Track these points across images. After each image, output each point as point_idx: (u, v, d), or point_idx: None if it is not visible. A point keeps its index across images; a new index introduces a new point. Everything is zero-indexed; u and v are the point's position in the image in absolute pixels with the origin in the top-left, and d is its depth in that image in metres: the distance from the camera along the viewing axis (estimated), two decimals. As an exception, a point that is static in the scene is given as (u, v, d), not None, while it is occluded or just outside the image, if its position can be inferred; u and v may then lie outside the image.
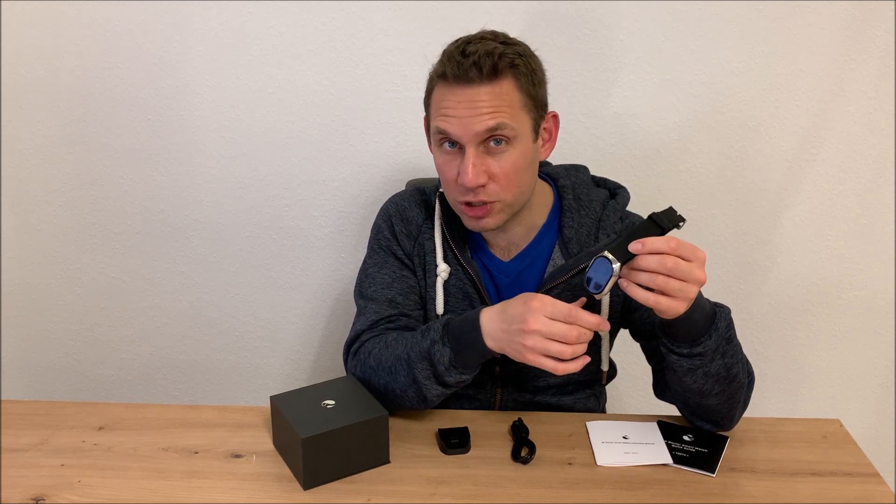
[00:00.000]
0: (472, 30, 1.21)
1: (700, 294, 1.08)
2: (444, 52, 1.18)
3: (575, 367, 1.04)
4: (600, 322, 1.04)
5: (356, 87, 1.69)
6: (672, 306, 1.01)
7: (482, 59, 1.11)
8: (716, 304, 1.13)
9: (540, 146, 1.23)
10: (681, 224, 1.04)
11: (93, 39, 1.67)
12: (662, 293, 1.01)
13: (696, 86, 1.68)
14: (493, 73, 1.12)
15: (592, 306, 1.24)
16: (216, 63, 1.68)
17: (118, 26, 1.66)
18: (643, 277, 1.01)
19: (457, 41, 1.18)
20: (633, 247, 1.00)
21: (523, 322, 1.03)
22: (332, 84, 1.69)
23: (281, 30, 1.66)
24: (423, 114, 1.23)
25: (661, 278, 0.99)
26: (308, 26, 1.65)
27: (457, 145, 1.16)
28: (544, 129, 1.23)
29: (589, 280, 1.04)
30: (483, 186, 1.16)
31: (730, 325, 1.12)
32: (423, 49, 1.65)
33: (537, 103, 1.19)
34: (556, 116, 1.25)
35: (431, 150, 1.25)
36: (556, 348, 1.03)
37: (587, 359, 1.05)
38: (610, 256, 1.01)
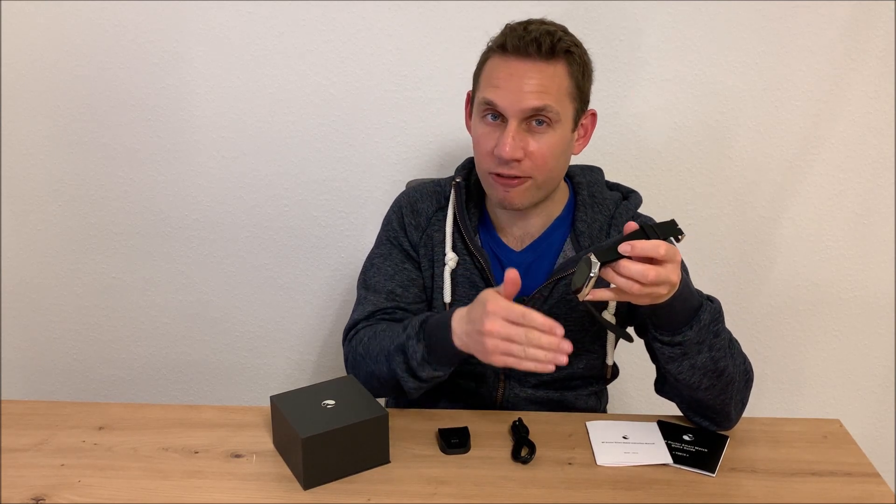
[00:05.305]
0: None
1: (688, 285, 1.10)
2: (506, 26, 1.22)
3: (542, 368, 1.02)
4: (553, 326, 1.01)
5: (356, 87, 1.69)
6: (642, 295, 1.02)
7: (542, 37, 1.16)
8: (707, 298, 1.14)
9: (575, 140, 1.25)
10: (679, 238, 1.04)
11: (93, 39, 1.67)
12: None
13: (696, 86, 1.68)
14: (551, 53, 1.17)
15: (599, 305, 1.25)
16: (216, 63, 1.68)
17: (118, 26, 1.66)
18: (620, 281, 1.01)
19: (519, 21, 1.22)
20: (623, 248, 1.00)
21: (481, 324, 1.04)
22: (332, 84, 1.69)
23: (281, 30, 1.66)
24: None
25: (636, 286, 1.00)
26: (308, 26, 1.65)
27: (499, 118, 1.19)
28: (581, 124, 1.25)
29: (572, 281, 1.05)
30: (518, 161, 1.18)
31: (717, 319, 1.13)
32: (424, 49, 1.66)
33: (582, 96, 1.22)
34: (594, 115, 1.28)
35: (469, 127, 1.27)
36: (511, 349, 1.03)
37: (562, 360, 1.02)
38: (593, 258, 1.01)
